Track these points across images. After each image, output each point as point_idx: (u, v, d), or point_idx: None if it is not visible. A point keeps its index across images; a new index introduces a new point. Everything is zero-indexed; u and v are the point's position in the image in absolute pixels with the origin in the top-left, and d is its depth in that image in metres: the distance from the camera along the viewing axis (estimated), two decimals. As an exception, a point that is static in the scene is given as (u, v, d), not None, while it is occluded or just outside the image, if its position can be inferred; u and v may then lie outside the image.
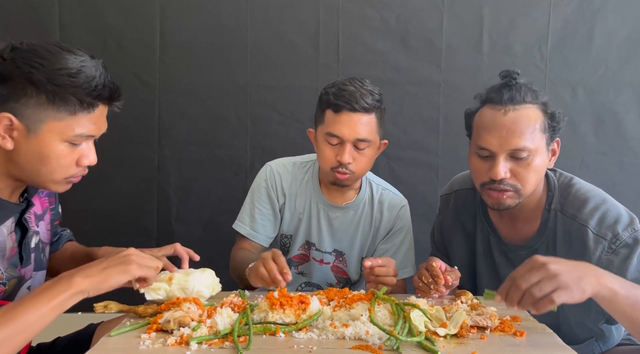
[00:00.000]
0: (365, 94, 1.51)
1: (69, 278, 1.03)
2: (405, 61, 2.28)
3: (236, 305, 1.22)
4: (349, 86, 1.52)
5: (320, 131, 1.57)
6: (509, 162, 1.34)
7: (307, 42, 2.28)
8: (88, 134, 1.11)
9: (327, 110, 1.53)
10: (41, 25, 2.26)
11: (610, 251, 1.29)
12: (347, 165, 1.53)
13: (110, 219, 2.34)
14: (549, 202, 1.41)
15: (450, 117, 2.29)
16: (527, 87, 1.36)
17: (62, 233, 1.52)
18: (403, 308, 1.14)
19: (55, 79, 1.04)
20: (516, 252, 1.46)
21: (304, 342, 1.06)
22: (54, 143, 1.08)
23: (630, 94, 2.23)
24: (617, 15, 2.21)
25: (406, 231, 1.71)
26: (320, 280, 1.74)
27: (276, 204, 1.70)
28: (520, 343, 1.09)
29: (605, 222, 1.32)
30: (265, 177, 1.71)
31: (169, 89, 2.30)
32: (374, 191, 1.72)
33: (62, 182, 1.15)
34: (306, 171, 1.72)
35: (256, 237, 1.69)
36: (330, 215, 1.69)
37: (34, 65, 1.03)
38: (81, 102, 1.07)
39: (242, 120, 2.32)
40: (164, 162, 2.34)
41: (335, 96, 1.51)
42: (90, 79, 1.06)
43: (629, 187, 2.20)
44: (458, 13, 2.26)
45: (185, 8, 2.27)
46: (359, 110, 1.50)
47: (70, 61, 1.06)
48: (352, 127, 1.50)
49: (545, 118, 1.34)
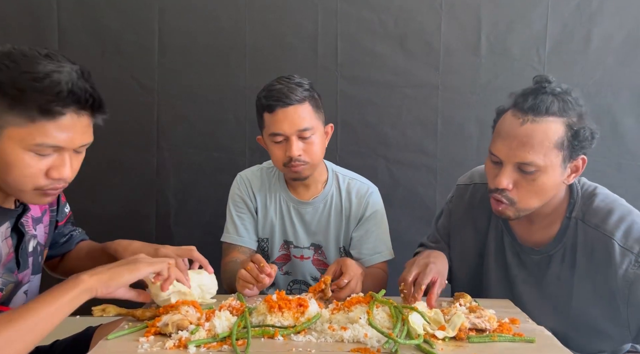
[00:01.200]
0: (293, 87, 1.57)
1: (76, 277, 1.05)
2: (404, 64, 2.28)
3: (234, 308, 1.23)
4: (277, 85, 1.58)
5: (265, 135, 1.64)
6: (515, 174, 1.31)
7: (306, 44, 2.29)
8: (53, 144, 1.03)
9: (264, 113, 1.59)
10: (40, 29, 2.26)
11: (638, 265, 1.26)
12: (298, 157, 1.58)
13: (109, 222, 2.33)
14: (570, 210, 1.38)
15: (448, 119, 2.30)
16: (559, 97, 1.28)
17: (72, 233, 1.50)
18: (401, 310, 1.14)
19: (18, 83, 0.99)
20: (530, 256, 1.44)
21: (303, 345, 1.06)
22: (15, 151, 1.02)
23: (628, 96, 2.24)
24: (614, 18, 2.22)
25: (378, 216, 1.74)
26: (304, 276, 1.77)
27: (252, 207, 1.75)
28: (518, 345, 1.09)
29: (632, 235, 1.28)
30: (237, 185, 1.78)
31: (168, 91, 2.30)
32: (341, 181, 1.76)
33: (33, 194, 1.08)
34: (273, 174, 1.79)
35: (242, 241, 1.73)
36: (301, 211, 1.74)
37: (1, 68, 0.99)
38: (40, 109, 0.99)
39: (241, 123, 2.32)
40: (163, 165, 2.34)
41: (266, 97, 1.57)
42: (54, 84, 1.00)
43: (627, 189, 2.19)
44: (456, 16, 2.26)
45: (184, 11, 2.28)
46: (291, 103, 1.55)
47: (41, 66, 1.00)
48: (289, 120, 1.56)
49: (566, 135, 1.27)
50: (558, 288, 1.39)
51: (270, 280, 1.38)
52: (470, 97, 2.26)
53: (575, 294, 1.37)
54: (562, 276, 1.39)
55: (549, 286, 1.41)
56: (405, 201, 2.32)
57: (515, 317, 1.22)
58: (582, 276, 1.35)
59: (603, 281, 1.31)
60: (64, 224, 1.45)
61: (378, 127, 2.32)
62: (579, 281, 1.36)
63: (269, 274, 1.36)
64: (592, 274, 1.33)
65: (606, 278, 1.30)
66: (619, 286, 1.28)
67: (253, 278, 1.36)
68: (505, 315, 1.22)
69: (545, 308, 1.40)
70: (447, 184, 2.29)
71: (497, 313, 1.20)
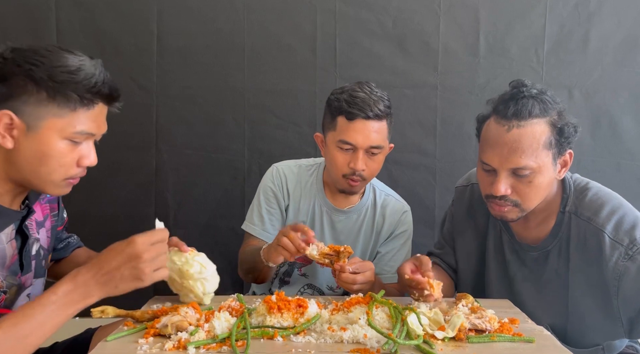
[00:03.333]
0: (377, 100, 1.51)
1: (86, 288, 1.04)
2: (402, 64, 2.29)
3: (234, 309, 1.22)
4: (360, 93, 1.51)
5: (331, 137, 1.57)
6: (511, 179, 1.32)
7: (304, 45, 2.29)
8: (88, 131, 1.11)
9: (339, 117, 1.53)
10: (38, 30, 2.26)
11: (627, 258, 1.28)
12: (362, 172, 1.54)
13: (108, 224, 2.33)
14: (564, 205, 1.40)
15: (447, 120, 2.30)
16: (537, 99, 1.31)
17: (69, 240, 1.51)
18: (401, 311, 1.14)
19: (56, 76, 1.04)
20: (528, 253, 1.46)
21: (302, 346, 1.06)
22: (54, 141, 1.07)
23: (626, 96, 2.24)
24: (612, 18, 2.22)
25: (407, 237, 1.73)
26: (321, 283, 1.75)
27: (282, 204, 1.71)
28: (517, 345, 1.09)
29: (622, 227, 1.30)
30: (272, 178, 1.72)
31: (166, 93, 2.30)
32: (377, 196, 1.73)
33: (60, 184, 1.14)
34: (311, 174, 1.74)
35: (267, 237, 1.69)
36: (333, 218, 1.70)
37: (35, 63, 1.04)
38: (81, 99, 1.07)
39: (240, 124, 2.32)
40: (162, 167, 2.34)
41: (347, 103, 1.50)
42: (89, 76, 1.07)
43: (626, 189, 2.18)
44: (455, 16, 2.26)
45: (182, 12, 2.27)
46: (373, 118, 1.50)
47: (70, 60, 1.07)
48: (366, 134, 1.51)
49: (552, 133, 1.30)
50: (556, 283, 1.41)
51: None
52: (469, 98, 2.26)
53: (571, 287, 1.38)
54: (560, 271, 1.40)
55: (548, 282, 1.43)
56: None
57: (514, 317, 1.22)
58: (576, 269, 1.37)
59: (595, 273, 1.33)
60: (61, 230, 1.46)
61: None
62: (573, 274, 1.38)
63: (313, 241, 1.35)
64: (585, 267, 1.35)
65: (598, 270, 1.32)
66: (609, 278, 1.30)
67: (295, 247, 1.35)
68: (505, 315, 1.22)
69: (544, 304, 1.42)
70: (446, 184, 2.29)
71: (496, 313, 1.20)
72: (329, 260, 1.37)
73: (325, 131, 1.61)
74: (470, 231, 1.59)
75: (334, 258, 1.37)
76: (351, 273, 1.36)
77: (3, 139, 1.06)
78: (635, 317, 1.30)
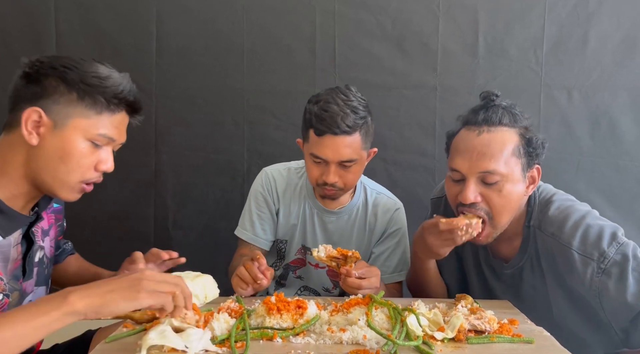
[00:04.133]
0: (347, 114, 1.46)
1: (64, 296, 0.92)
2: (402, 65, 2.29)
3: (233, 310, 1.22)
4: (332, 105, 1.46)
5: (306, 148, 1.57)
6: (480, 187, 1.31)
7: (304, 46, 2.29)
8: (109, 135, 1.16)
9: (310, 130, 1.51)
10: (38, 31, 2.26)
11: (601, 272, 1.24)
12: (334, 184, 1.53)
13: (107, 225, 2.33)
14: (529, 219, 1.38)
15: (446, 120, 2.29)
16: (507, 109, 1.33)
17: (64, 246, 1.52)
18: (400, 312, 1.14)
19: (87, 80, 1.12)
20: (503, 270, 1.44)
21: (302, 347, 1.06)
22: (78, 140, 1.12)
23: (625, 97, 2.24)
24: (611, 19, 2.22)
25: (401, 234, 1.72)
26: (316, 284, 1.75)
27: (273, 208, 1.71)
28: (517, 346, 1.09)
29: (588, 240, 1.27)
30: (262, 182, 1.72)
31: (166, 94, 2.30)
32: (368, 194, 1.73)
33: (75, 187, 1.17)
34: (300, 176, 1.74)
35: (257, 242, 1.70)
36: (325, 219, 1.70)
37: (68, 66, 1.12)
38: (108, 103, 1.14)
39: (239, 125, 2.32)
40: (161, 168, 2.33)
41: (317, 117, 1.47)
42: (117, 83, 1.15)
43: (625, 190, 2.21)
44: (454, 17, 2.26)
45: (182, 13, 2.27)
46: (341, 133, 1.46)
47: (101, 68, 1.15)
48: (335, 150, 1.48)
49: (521, 143, 1.31)
50: (536, 299, 1.39)
51: (268, 283, 1.36)
52: (468, 99, 2.25)
53: (553, 303, 1.36)
54: (537, 286, 1.38)
55: (527, 298, 1.41)
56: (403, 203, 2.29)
57: (514, 318, 1.23)
58: (553, 285, 1.35)
59: (572, 289, 1.31)
60: (61, 238, 1.47)
61: (376, 129, 2.29)
62: (552, 290, 1.36)
63: (263, 273, 1.34)
64: (561, 283, 1.33)
65: (575, 285, 1.29)
66: (589, 295, 1.27)
67: (251, 277, 1.34)
68: (504, 316, 1.22)
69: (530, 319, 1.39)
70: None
71: (495, 313, 1.20)
72: (335, 263, 1.37)
73: (303, 139, 1.60)
74: None
75: (341, 262, 1.37)
76: (357, 278, 1.35)
77: (29, 135, 1.10)
78: (629, 326, 1.27)
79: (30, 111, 1.09)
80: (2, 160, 1.13)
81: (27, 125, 1.09)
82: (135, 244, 2.34)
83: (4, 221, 1.13)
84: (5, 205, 1.13)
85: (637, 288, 1.22)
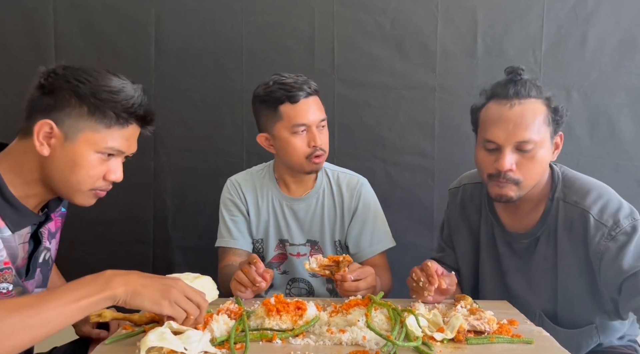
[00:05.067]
0: (304, 80, 1.61)
1: (108, 279, 1.01)
2: (401, 66, 2.29)
3: (232, 312, 1.22)
4: (287, 79, 1.61)
5: (280, 127, 1.62)
6: (515, 155, 1.38)
7: (303, 47, 2.29)
8: (119, 148, 1.19)
9: (282, 105, 1.59)
10: (36, 34, 2.26)
11: (610, 238, 1.32)
12: (321, 146, 1.62)
13: (107, 226, 2.33)
14: (553, 192, 1.45)
15: (445, 121, 2.30)
16: (532, 82, 1.41)
17: None
18: (400, 313, 1.14)
19: (98, 94, 1.13)
20: (519, 241, 1.50)
21: (301, 348, 1.06)
22: (87, 153, 1.15)
23: (624, 97, 2.24)
24: (610, 19, 2.22)
25: (371, 207, 1.75)
26: (302, 273, 1.77)
27: (243, 209, 1.76)
28: (516, 347, 1.09)
29: (607, 210, 1.35)
30: (228, 189, 1.79)
31: (165, 95, 2.29)
32: (330, 176, 1.78)
33: (88, 194, 1.21)
34: (263, 175, 1.80)
35: (236, 243, 1.73)
36: (294, 208, 1.74)
37: (81, 80, 1.13)
38: (117, 117, 1.16)
39: (238, 126, 2.32)
40: (160, 169, 2.33)
41: (285, 89, 1.58)
42: (129, 98, 1.16)
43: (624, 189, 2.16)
44: (452, 18, 2.26)
45: (181, 15, 2.27)
46: (313, 93, 1.61)
47: (114, 81, 1.17)
48: (313, 110, 1.61)
49: (549, 111, 1.39)
50: (545, 268, 1.45)
51: (267, 284, 1.38)
52: (467, 99, 2.25)
53: (559, 271, 1.42)
54: (548, 256, 1.45)
55: (537, 269, 1.47)
56: (403, 203, 2.31)
57: (513, 318, 1.23)
58: (564, 252, 1.41)
59: (582, 254, 1.37)
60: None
61: (375, 130, 2.32)
62: (561, 257, 1.42)
63: (262, 275, 1.35)
64: (572, 249, 1.39)
65: (584, 250, 1.36)
66: (593, 258, 1.34)
67: (249, 280, 1.36)
68: (504, 316, 1.22)
69: (535, 292, 1.47)
70: (444, 185, 2.27)
71: (495, 314, 1.20)
72: (329, 271, 1.38)
73: (269, 128, 1.65)
74: (464, 230, 1.64)
75: (334, 268, 1.38)
76: (352, 280, 1.36)
77: (41, 146, 1.13)
78: (617, 297, 1.32)
79: (42, 124, 1.12)
80: (18, 163, 1.16)
81: (39, 136, 1.12)
82: (134, 246, 2.36)
83: (15, 216, 1.16)
84: (18, 201, 1.16)
85: (634, 258, 1.28)
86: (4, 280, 1.15)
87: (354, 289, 1.35)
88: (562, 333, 1.41)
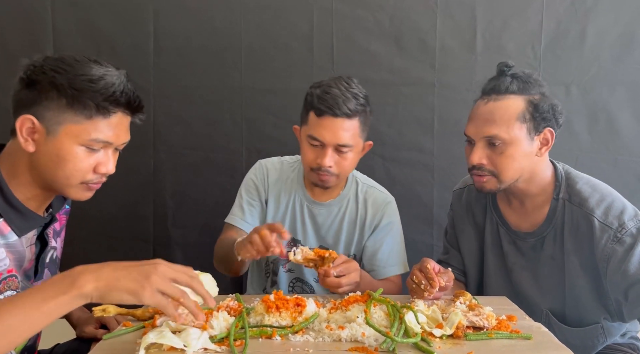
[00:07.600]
0: (348, 98, 1.50)
1: (74, 278, 0.90)
2: (400, 62, 2.28)
3: (232, 309, 1.23)
4: (334, 89, 1.51)
5: (303, 131, 1.60)
6: (487, 150, 1.42)
7: (301, 44, 2.28)
8: (105, 139, 1.13)
9: (311, 112, 1.55)
10: (34, 31, 2.26)
11: (616, 240, 1.33)
12: (328, 168, 1.55)
13: (106, 224, 2.33)
14: (557, 192, 1.46)
15: (444, 117, 2.30)
16: (517, 78, 1.42)
17: None
18: (399, 309, 1.15)
19: (76, 84, 1.08)
20: (525, 240, 1.51)
21: (300, 345, 1.06)
22: (71, 146, 1.10)
23: (623, 92, 2.24)
24: (609, 14, 2.22)
25: (392, 228, 1.72)
26: (307, 276, 1.76)
27: (263, 197, 1.73)
28: (515, 342, 1.09)
29: (611, 212, 1.36)
30: (255, 171, 1.76)
31: (164, 93, 2.29)
32: (359, 188, 1.74)
33: (79, 187, 1.16)
34: (293, 170, 1.76)
35: (246, 227, 1.68)
36: (314, 211, 1.71)
37: (58, 71, 1.08)
38: (97, 107, 1.10)
39: (237, 123, 2.32)
40: (160, 167, 2.33)
41: (319, 98, 1.51)
42: (109, 85, 1.10)
43: (623, 185, 2.19)
44: (451, 14, 2.26)
45: (179, 12, 2.27)
46: (341, 115, 1.50)
47: (94, 69, 1.10)
48: (333, 132, 1.51)
49: (527, 108, 1.39)
50: (552, 268, 1.46)
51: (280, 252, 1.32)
52: (467, 95, 2.25)
53: (566, 271, 1.43)
54: (555, 255, 1.45)
55: (544, 268, 1.47)
56: (402, 200, 2.29)
57: (512, 314, 1.23)
58: (570, 252, 1.42)
59: (588, 255, 1.38)
60: None
61: (374, 126, 2.28)
62: (568, 258, 1.42)
63: (285, 238, 1.31)
64: (578, 250, 1.40)
65: (590, 252, 1.37)
66: (599, 260, 1.35)
67: (263, 245, 1.30)
68: (503, 312, 1.23)
69: (542, 290, 1.48)
70: (444, 181, 2.29)
71: (494, 310, 1.20)
72: (313, 264, 1.38)
73: (301, 124, 1.64)
74: (469, 229, 1.64)
75: (319, 262, 1.38)
76: (335, 276, 1.35)
77: (25, 142, 1.09)
78: (622, 299, 1.33)
79: (23, 119, 1.08)
80: (13, 164, 1.14)
81: (23, 132, 1.09)
82: (134, 243, 2.36)
83: (20, 220, 1.15)
84: (23, 205, 1.15)
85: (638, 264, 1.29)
86: (8, 288, 1.14)
87: (335, 285, 1.35)
88: (568, 331, 1.42)
